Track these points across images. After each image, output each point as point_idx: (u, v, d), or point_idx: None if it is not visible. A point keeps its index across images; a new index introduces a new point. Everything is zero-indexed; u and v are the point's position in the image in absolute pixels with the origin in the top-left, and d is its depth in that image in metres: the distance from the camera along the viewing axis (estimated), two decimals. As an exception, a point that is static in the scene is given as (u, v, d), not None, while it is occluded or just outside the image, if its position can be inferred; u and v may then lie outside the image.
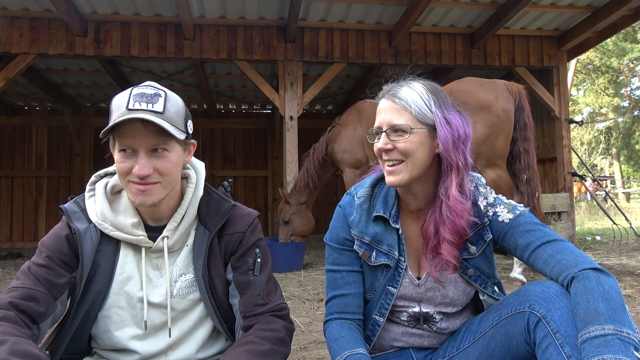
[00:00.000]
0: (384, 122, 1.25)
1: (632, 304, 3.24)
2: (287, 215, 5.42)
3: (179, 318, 1.26)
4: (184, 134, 1.20)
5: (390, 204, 1.33)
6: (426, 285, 1.31)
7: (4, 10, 5.37)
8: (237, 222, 1.31)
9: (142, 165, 1.14)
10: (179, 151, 1.21)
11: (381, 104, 1.29)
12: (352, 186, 1.46)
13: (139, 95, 1.15)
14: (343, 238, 1.37)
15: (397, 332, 1.35)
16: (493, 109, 4.12)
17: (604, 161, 32.08)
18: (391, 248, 1.31)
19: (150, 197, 1.17)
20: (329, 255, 1.40)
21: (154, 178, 1.16)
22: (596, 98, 23.28)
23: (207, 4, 5.40)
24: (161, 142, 1.15)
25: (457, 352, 1.26)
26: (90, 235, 1.21)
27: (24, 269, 1.18)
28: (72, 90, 8.34)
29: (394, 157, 1.24)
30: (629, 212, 11.35)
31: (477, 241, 1.28)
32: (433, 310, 1.31)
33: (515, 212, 1.27)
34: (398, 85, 1.30)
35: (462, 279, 1.30)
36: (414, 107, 1.23)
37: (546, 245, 1.17)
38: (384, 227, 1.33)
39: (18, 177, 8.73)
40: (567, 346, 0.98)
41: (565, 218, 5.65)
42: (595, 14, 5.82)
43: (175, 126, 1.17)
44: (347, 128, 5.15)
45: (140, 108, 1.13)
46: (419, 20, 5.80)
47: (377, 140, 1.27)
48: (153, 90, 1.17)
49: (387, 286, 1.31)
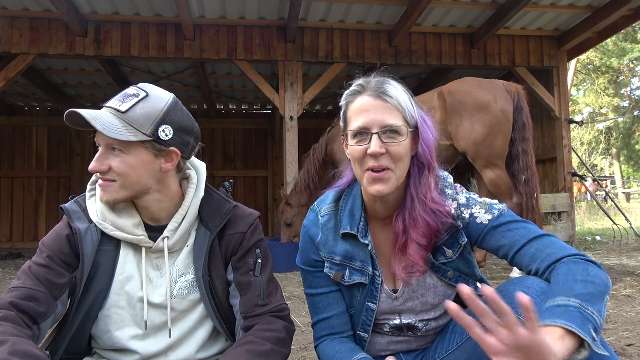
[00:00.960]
0: (374, 122, 1.12)
1: (632, 304, 3.24)
2: (290, 217, 5.41)
3: (179, 318, 1.26)
4: (144, 137, 1.15)
5: (357, 218, 1.25)
6: (404, 297, 1.25)
7: (4, 10, 5.37)
8: (238, 223, 1.30)
9: (95, 159, 1.17)
10: (143, 155, 1.17)
11: (366, 101, 1.15)
12: (315, 202, 1.37)
13: (122, 93, 1.19)
14: (313, 260, 1.31)
15: (383, 343, 1.32)
16: (492, 109, 4.13)
17: (604, 161, 32.08)
18: (364, 264, 1.25)
19: (105, 194, 1.19)
20: (304, 279, 1.35)
21: (110, 176, 1.17)
22: (596, 98, 23.28)
23: (207, 4, 5.40)
24: (115, 142, 1.15)
25: (446, 353, 1.22)
26: (91, 234, 1.21)
27: (24, 268, 1.18)
28: (72, 90, 8.34)
29: (385, 163, 1.12)
30: (629, 212, 11.35)
31: (452, 244, 1.22)
32: (415, 320, 1.27)
33: (493, 211, 1.19)
34: (379, 80, 1.18)
35: (442, 282, 1.24)
36: (404, 106, 1.15)
37: (532, 241, 1.11)
38: (354, 243, 1.26)
39: (18, 177, 8.73)
40: None
41: (565, 218, 5.65)
42: (595, 14, 5.82)
43: (135, 128, 1.14)
44: None
45: (109, 105, 1.17)
46: (419, 20, 5.80)
47: (362, 143, 1.14)
48: (134, 91, 1.19)
49: (366, 302, 1.26)
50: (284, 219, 5.47)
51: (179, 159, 1.24)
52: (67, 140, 8.88)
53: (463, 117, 4.21)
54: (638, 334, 2.56)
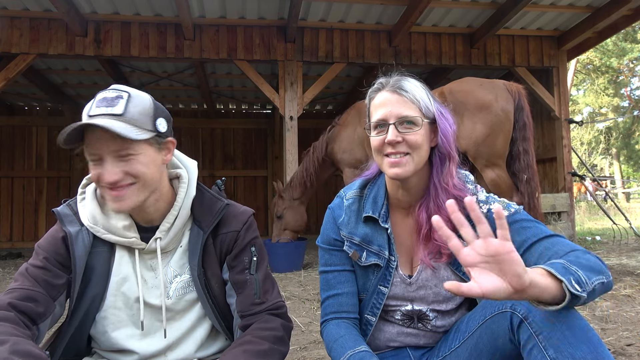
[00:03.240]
0: (390, 114, 1.23)
1: (632, 304, 3.24)
2: (280, 210, 5.42)
3: (177, 318, 1.26)
4: (150, 133, 1.15)
5: (379, 204, 1.33)
6: (417, 284, 1.30)
7: (4, 10, 5.37)
8: (231, 221, 1.30)
9: (108, 171, 1.11)
10: (150, 151, 1.17)
11: (383, 96, 1.26)
12: (342, 189, 1.46)
13: (100, 100, 1.13)
14: (333, 239, 1.37)
15: (393, 333, 1.35)
16: (493, 109, 4.13)
17: (604, 161, 32.07)
18: (381, 248, 1.31)
19: (125, 202, 1.14)
20: (321, 257, 1.41)
21: (127, 181, 1.13)
22: (596, 98, 23.28)
23: (207, 4, 5.40)
24: (124, 147, 1.11)
25: (449, 352, 1.26)
26: (82, 238, 1.20)
27: (21, 270, 1.18)
28: (72, 90, 8.33)
29: (402, 149, 1.22)
30: (629, 212, 11.35)
31: None
32: (426, 308, 1.31)
33: (510, 209, 1.26)
34: (397, 79, 1.28)
35: (456, 276, 1.28)
36: (420, 100, 1.24)
37: (542, 240, 1.17)
38: (374, 227, 1.33)
39: (18, 177, 8.74)
40: (550, 349, 0.97)
41: (565, 218, 5.65)
42: (595, 14, 5.82)
43: (138, 127, 1.13)
44: (346, 128, 5.14)
45: (99, 113, 1.10)
46: (419, 20, 5.80)
47: (381, 134, 1.24)
48: (115, 93, 1.14)
49: (378, 286, 1.31)
50: (275, 212, 5.48)
51: (174, 147, 1.26)
52: (67, 140, 8.87)
53: (464, 117, 4.21)
54: (638, 334, 2.56)
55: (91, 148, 1.11)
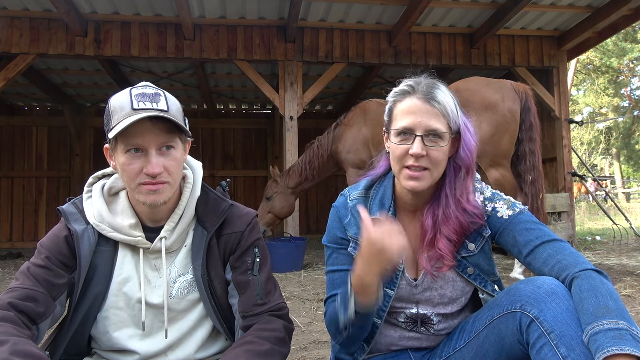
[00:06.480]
0: (419, 125, 1.18)
1: (632, 304, 3.24)
2: (270, 192, 5.43)
3: (178, 318, 1.26)
4: (185, 129, 1.21)
5: (387, 207, 1.31)
6: (423, 286, 1.29)
7: (4, 10, 5.37)
8: (235, 222, 1.30)
9: (154, 163, 1.13)
10: (181, 149, 1.21)
11: (413, 104, 1.20)
12: (346, 188, 1.43)
13: (140, 95, 1.15)
14: (339, 237, 1.36)
15: (395, 337, 1.34)
16: (499, 109, 4.11)
17: (604, 161, 32.07)
18: None
19: (161, 196, 1.17)
20: (327, 257, 1.39)
21: (163, 177, 1.16)
22: (596, 98, 23.28)
23: (207, 4, 5.40)
24: (170, 140, 1.16)
25: (453, 352, 1.25)
26: (88, 236, 1.21)
27: (23, 269, 1.18)
28: (72, 90, 8.34)
29: (423, 164, 1.19)
30: (629, 212, 11.35)
31: (475, 238, 1.27)
32: (431, 312, 1.30)
33: (515, 209, 1.26)
34: (429, 85, 1.23)
35: (461, 277, 1.28)
36: (450, 113, 1.20)
37: (545, 244, 1.17)
38: None
39: (18, 177, 8.73)
40: (562, 347, 0.98)
41: (565, 218, 5.65)
42: (595, 14, 5.82)
43: (178, 122, 1.17)
44: (351, 128, 5.08)
45: (146, 107, 1.13)
46: (419, 20, 5.80)
47: (404, 142, 1.20)
48: (153, 90, 1.18)
49: (384, 288, 1.29)
50: (265, 192, 5.49)
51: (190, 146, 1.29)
52: (67, 140, 8.88)
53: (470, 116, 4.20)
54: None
55: (136, 139, 1.13)
